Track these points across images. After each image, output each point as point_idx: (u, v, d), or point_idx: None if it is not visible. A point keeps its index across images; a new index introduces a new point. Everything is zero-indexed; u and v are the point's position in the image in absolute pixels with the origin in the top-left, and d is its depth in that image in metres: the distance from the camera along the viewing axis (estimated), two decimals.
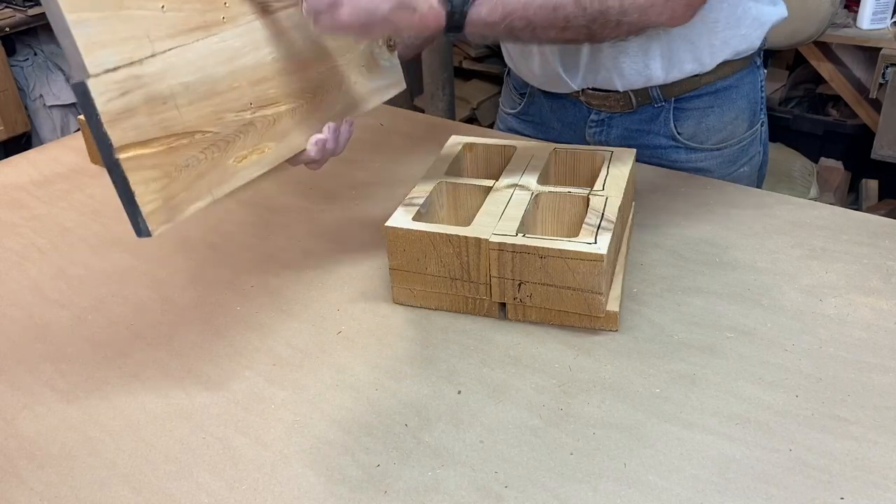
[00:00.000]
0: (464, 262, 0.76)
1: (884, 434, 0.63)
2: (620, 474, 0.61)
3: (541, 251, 0.73)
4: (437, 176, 0.86)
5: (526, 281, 0.75)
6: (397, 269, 0.80)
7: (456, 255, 0.76)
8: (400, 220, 0.78)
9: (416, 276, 0.79)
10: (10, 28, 2.36)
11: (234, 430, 0.68)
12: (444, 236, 0.76)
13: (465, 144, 0.93)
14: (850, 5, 2.18)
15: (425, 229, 0.76)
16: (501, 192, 0.82)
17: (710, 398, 0.68)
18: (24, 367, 0.77)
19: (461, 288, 0.78)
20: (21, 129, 2.45)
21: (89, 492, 0.63)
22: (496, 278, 0.76)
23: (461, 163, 0.92)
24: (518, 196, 0.81)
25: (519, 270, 0.74)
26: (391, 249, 0.79)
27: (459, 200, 0.86)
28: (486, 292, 0.77)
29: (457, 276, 0.77)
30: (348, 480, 0.62)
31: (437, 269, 0.78)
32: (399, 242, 0.78)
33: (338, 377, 0.73)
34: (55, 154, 1.24)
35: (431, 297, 0.80)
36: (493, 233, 0.75)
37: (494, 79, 2.93)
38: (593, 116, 1.07)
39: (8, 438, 0.69)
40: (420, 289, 0.80)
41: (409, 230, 0.77)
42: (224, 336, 0.80)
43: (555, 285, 0.74)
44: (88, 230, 1.01)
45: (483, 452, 0.64)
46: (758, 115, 1.09)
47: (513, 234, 0.74)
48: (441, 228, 0.76)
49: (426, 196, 0.82)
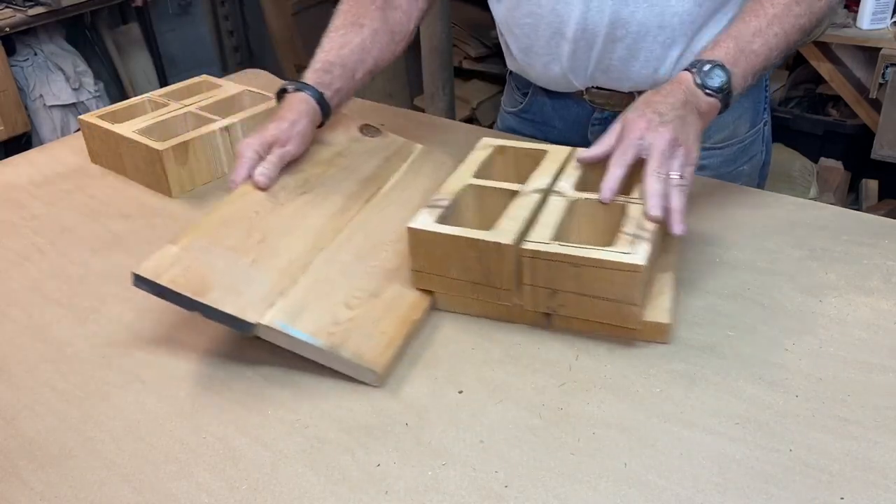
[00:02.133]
0: (485, 267, 0.74)
1: (884, 434, 0.63)
2: (621, 474, 0.61)
3: (576, 260, 0.70)
4: (464, 178, 0.85)
5: (559, 290, 0.73)
6: (419, 270, 0.78)
7: (478, 259, 0.74)
8: (423, 222, 0.76)
9: (438, 279, 0.78)
10: (10, 28, 2.36)
11: (234, 430, 0.68)
12: (467, 240, 0.74)
13: (496, 147, 0.91)
14: (850, 5, 2.18)
15: (448, 232, 0.75)
16: (527, 196, 0.80)
17: (710, 398, 0.68)
18: (24, 367, 0.77)
19: (483, 293, 0.76)
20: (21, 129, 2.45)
21: (89, 492, 0.63)
22: (528, 286, 0.74)
23: (491, 166, 0.89)
24: (552, 202, 0.79)
25: (552, 279, 0.72)
26: (413, 251, 0.77)
27: (486, 204, 0.84)
28: (508, 298, 0.75)
29: (478, 281, 0.76)
30: (348, 480, 0.62)
31: (459, 272, 0.76)
32: (421, 244, 0.76)
33: (338, 377, 0.73)
34: (55, 154, 1.24)
35: (454, 301, 0.79)
36: (526, 239, 0.72)
37: (494, 79, 2.93)
38: (597, 115, 1.07)
39: (8, 438, 0.69)
40: (442, 292, 0.79)
41: (432, 232, 0.75)
42: (224, 336, 0.80)
43: (590, 295, 0.72)
44: (88, 230, 1.01)
45: (483, 452, 0.64)
46: (761, 115, 1.09)
47: (547, 241, 0.72)
48: (463, 232, 0.74)
49: (452, 198, 0.81)
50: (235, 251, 0.76)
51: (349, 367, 0.70)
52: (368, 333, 0.72)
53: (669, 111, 0.78)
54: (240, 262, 0.75)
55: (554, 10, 0.95)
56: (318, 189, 0.88)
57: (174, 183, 1.06)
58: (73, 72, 2.61)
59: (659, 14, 0.91)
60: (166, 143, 1.05)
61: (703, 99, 0.80)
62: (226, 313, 0.69)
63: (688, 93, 0.80)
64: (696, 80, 0.81)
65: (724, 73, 0.80)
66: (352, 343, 0.71)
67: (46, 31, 2.57)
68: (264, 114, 1.14)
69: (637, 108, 0.79)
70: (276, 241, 0.79)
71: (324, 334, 0.71)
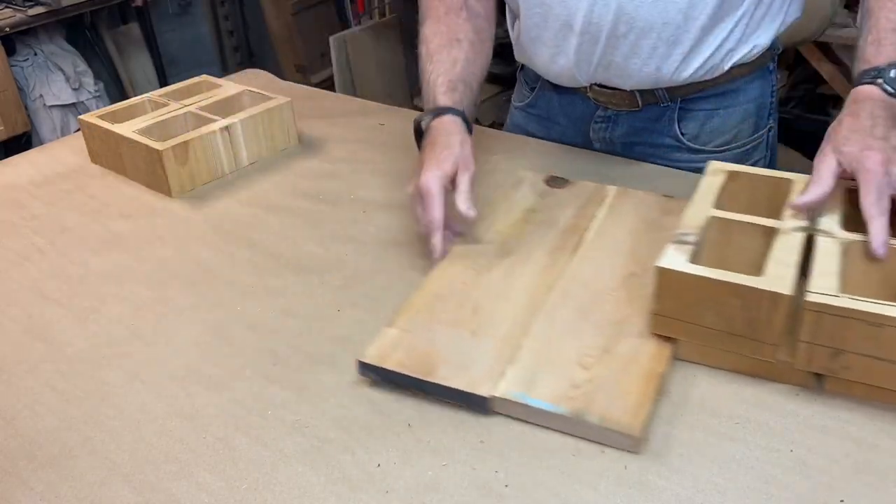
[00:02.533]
0: (751, 317, 0.65)
1: (884, 437, 0.63)
2: (621, 474, 0.61)
3: (876, 318, 0.61)
4: (705, 209, 0.76)
5: (845, 350, 0.63)
6: (662, 315, 0.70)
7: (741, 307, 0.65)
8: (675, 262, 0.68)
9: (684, 326, 0.69)
10: (10, 28, 2.35)
11: (234, 430, 0.68)
12: (730, 285, 0.65)
13: (728, 172, 0.82)
14: (850, 5, 2.18)
15: (706, 275, 0.66)
16: (788, 235, 0.70)
17: (709, 398, 0.68)
18: (24, 367, 0.77)
19: (741, 345, 0.67)
20: (21, 129, 2.45)
21: (89, 492, 0.63)
22: (805, 343, 0.64)
23: (724, 194, 0.80)
24: (821, 244, 0.69)
25: (839, 338, 0.63)
26: (660, 293, 0.69)
27: (731, 240, 0.75)
28: (772, 353, 0.66)
29: (738, 332, 0.67)
30: (348, 480, 0.62)
31: (714, 321, 0.67)
32: (671, 287, 0.68)
33: (338, 377, 0.73)
34: (55, 154, 1.24)
35: (702, 352, 0.70)
36: (809, 290, 0.63)
37: (495, 79, 2.91)
38: (599, 113, 1.07)
39: (8, 438, 0.69)
40: (687, 340, 0.70)
41: (687, 274, 0.67)
42: (224, 336, 0.80)
43: (887, 359, 0.62)
44: (88, 230, 1.01)
45: (483, 452, 0.64)
46: (765, 120, 1.09)
47: (835, 293, 0.63)
48: (726, 276, 0.65)
49: (698, 233, 0.72)
50: (453, 325, 0.75)
51: (599, 433, 0.64)
52: (612, 393, 0.66)
53: (890, 133, 0.72)
54: (460, 335, 0.73)
55: (563, 2, 0.95)
56: (519, 249, 0.86)
57: (174, 183, 1.06)
58: (73, 72, 2.61)
59: (663, 10, 0.91)
60: (166, 143, 1.05)
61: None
62: (457, 390, 0.67)
63: (885, 106, 0.75)
64: (889, 88, 0.76)
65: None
66: (597, 406, 0.65)
67: (46, 31, 2.56)
68: (264, 114, 1.14)
69: (850, 140, 0.73)
70: (490, 308, 0.77)
71: (564, 400, 0.66)
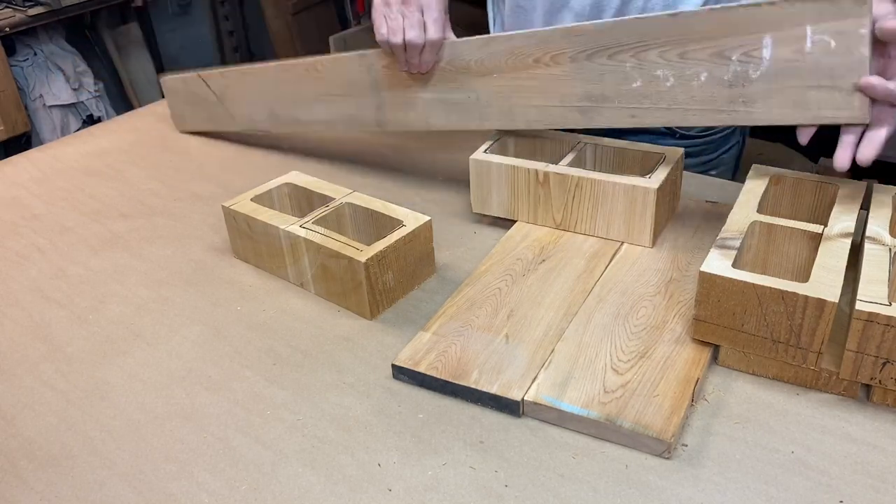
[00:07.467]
0: (795, 324, 0.64)
1: (884, 437, 0.63)
2: (621, 474, 0.61)
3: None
4: (748, 213, 0.75)
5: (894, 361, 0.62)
6: (704, 320, 0.69)
7: (786, 314, 0.64)
8: (718, 266, 0.67)
9: (726, 332, 0.68)
10: (10, 28, 2.35)
11: (234, 430, 0.68)
12: (775, 291, 0.64)
13: (771, 176, 0.81)
14: None
15: (750, 280, 0.65)
16: (835, 241, 0.70)
17: (709, 398, 0.68)
18: (24, 367, 0.77)
19: (784, 353, 0.67)
20: (21, 129, 2.45)
21: (89, 492, 0.63)
22: (852, 352, 0.63)
23: (766, 198, 0.80)
24: (869, 251, 0.68)
25: (889, 348, 0.62)
26: (702, 298, 0.68)
27: (774, 245, 0.75)
28: (815, 361, 0.66)
29: (781, 339, 0.66)
30: (348, 480, 0.62)
31: (757, 327, 0.66)
32: (713, 291, 0.67)
33: (338, 377, 0.73)
34: (55, 153, 1.24)
35: (743, 358, 0.70)
36: (860, 298, 0.62)
37: None
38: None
39: (8, 438, 0.69)
40: (728, 346, 0.70)
41: (730, 279, 0.66)
42: (224, 336, 0.80)
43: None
44: (88, 230, 1.01)
45: (483, 452, 0.64)
46: None
47: (885, 301, 0.61)
48: (771, 282, 0.64)
49: (742, 237, 0.72)
50: (487, 330, 0.75)
51: (631, 438, 0.63)
52: (646, 399, 0.66)
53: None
54: (494, 340, 0.74)
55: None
56: (556, 254, 0.86)
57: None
58: (73, 72, 2.61)
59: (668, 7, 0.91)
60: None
61: None
62: (489, 394, 0.68)
63: None
64: None
65: None
66: (630, 412, 0.65)
67: (46, 31, 2.56)
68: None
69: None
70: (525, 313, 0.77)
71: (596, 404, 0.65)
